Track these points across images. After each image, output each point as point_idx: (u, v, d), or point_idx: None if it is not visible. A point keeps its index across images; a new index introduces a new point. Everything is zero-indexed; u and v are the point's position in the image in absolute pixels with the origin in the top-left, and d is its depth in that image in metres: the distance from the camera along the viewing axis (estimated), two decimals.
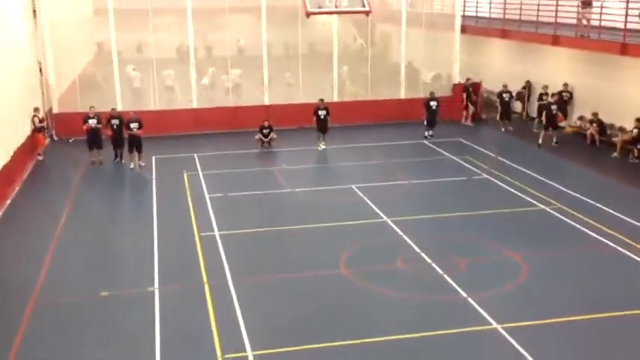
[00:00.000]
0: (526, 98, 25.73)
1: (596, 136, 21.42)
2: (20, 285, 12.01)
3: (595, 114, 21.60)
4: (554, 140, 21.46)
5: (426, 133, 22.86)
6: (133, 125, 19.50)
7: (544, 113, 21.68)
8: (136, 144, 19.58)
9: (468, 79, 25.81)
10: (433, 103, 22.86)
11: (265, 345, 9.91)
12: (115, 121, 19.85)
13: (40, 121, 20.58)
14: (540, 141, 21.47)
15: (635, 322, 10.59)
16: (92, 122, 19.91)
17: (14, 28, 20.21)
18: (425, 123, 22.88)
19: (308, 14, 24.21)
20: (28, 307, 11.15)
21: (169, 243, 13.92)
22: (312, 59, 27.02)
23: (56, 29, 23.24)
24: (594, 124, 21.51)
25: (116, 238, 14.71)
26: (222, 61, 25.60)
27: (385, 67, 27.71)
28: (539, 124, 22.36)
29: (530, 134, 22.77)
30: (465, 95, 25.21)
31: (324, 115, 21.33)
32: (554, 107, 21.48)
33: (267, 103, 24.62)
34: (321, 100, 21.76)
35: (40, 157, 20.47)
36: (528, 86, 25.63)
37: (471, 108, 25.32)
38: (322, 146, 21.38)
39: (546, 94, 23.20)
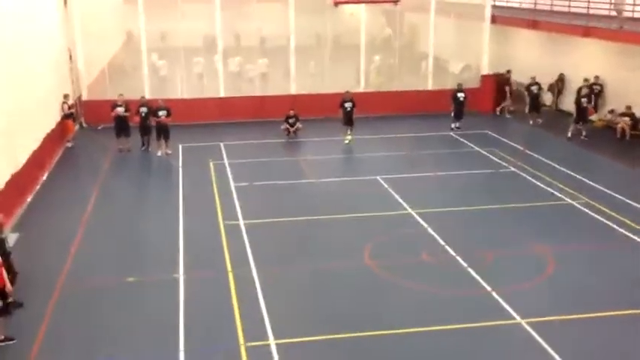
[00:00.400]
0: (556, 91, 25.29)
1: (627, 130, 21.03)
2: (47, 270, 12.19)
3: (629, 107, 21.20)
4: (584, 134, 21.12)
5: (453, 125, 22.66)
6: (161, 113, 19.67)
7: (575, 106, 21.34)
8: (163, 132, 19.77)
9: (508, 71, 25.43)
10: (460, 95, 22.64)
11: (288, 334, 9.97)
12: (143, 109, 20.02)
13: (70, 108, 20.86)
14: (569, 134, 21.15)
15: None
16: (120, 110, 20.13)
17: (45, 17, 20.45)
18: (452, 115, 22.69)
19: (336, 3, 24.22)
20: (55, 292, 11.33)
21: (195, 231, 14.03)
22: (339, 49, 26.89)
23: (86, 17, 23.49)
24: (627, 118, 21.11)
25: (142, 224, 14.84)
26: (248, 51, 25.64)
27: (413, 58, 27.47)
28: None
29: (559, 127, 22.40)
30: (507, 88, 24.85)
31: (350, 107, 21.13)
32: (584, 100, 21.12)
33: (293, 92, 24.63)
34: (347, 91, 21.63)
35: (69, 144, 20.75)
36: (562, 79, 25.17)
37: (509, 100, 24.97)
38: (348, 139, 21.15)
39: (586, 87, 22.66)
